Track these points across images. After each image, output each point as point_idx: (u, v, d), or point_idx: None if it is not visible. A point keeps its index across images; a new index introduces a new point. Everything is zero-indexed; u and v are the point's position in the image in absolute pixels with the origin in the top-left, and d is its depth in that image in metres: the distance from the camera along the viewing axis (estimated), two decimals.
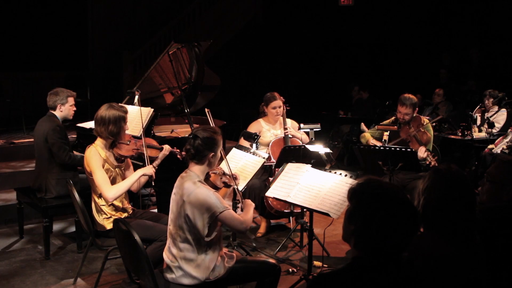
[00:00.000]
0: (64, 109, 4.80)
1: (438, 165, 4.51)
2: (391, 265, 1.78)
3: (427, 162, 4.60)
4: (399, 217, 1.77)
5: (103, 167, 3.76)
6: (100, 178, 3.69)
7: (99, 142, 3.85)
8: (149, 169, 3.84)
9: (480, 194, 2.81)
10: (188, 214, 2.90)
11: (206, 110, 3.64)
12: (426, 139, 4.87)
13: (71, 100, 4.84)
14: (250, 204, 3.26)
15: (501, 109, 7.30)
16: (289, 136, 5.16)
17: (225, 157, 3.49)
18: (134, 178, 3.80)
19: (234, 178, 3.40)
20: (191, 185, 2.93)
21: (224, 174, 3.35)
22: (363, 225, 1.79)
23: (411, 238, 1.80)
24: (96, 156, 3.75)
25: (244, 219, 3.06)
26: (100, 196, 3.81)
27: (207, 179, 3.15)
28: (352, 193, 1.85)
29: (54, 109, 4.78)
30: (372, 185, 1.84)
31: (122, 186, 3.77)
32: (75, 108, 4.92)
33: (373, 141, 5.13)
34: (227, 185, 3.34)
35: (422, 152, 4.63)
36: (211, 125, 3.58)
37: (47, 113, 4.83)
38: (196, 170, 3.03)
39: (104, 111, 3.82)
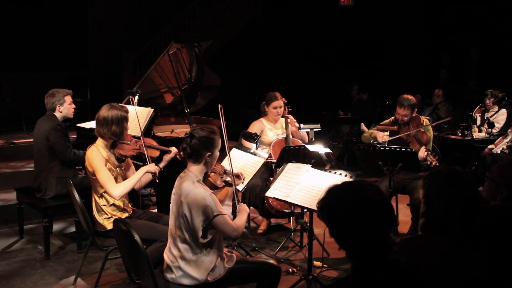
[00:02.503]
0: (63, 108, 4.81)
1: (439, 165, 4.51)
2: (391, 269, 1.79)
3: (428, 162, 4.59)
4: (367, 218, 1.79)
5: (105, 166, 3.76)
6: (105, 177, 3.69)
7: (100, 142, 3.85)
8: (152, 166, 3.84)
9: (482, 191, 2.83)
10: (186, 214, 2.89)
11: (219, 106, 3.66)
12: (426, 139, 4.85)
13: (68, 99, 4.83)
14: (245, 210, 3.25)
15: (501, 109, 7.30)
16: (288, 122, 5.20)
17: (229, 154, 3.48)
18: (139, 175, 3.80)
19: (237, 176, 3.39)
20: (189, 185, 2.93)
21: (225, 172, 3.34)
22: (338, 235, 1.87)
23: (388, 234, 1.82)
24: (98, 156, 3.75)
25: (237, 226, 3.03)
26: (101, 196, 3.81)
27: (205, 179, 3.14)
28: (319, 213, 1.90)
29: (54, 110, 4.80)
30: (328, 200, 1.89)
31: (128, 183, 3.78)
32: (74, 106, 4.92)
33: (378, 133, 4.95)
34: (228, 184, 3.32)
35: (422, 152, 4.62)
36: (222, 122, 3.58)
37: (46, 113, 4.83)
38: (194, 170, 3.03)
39: (106, 111, 3.82)
